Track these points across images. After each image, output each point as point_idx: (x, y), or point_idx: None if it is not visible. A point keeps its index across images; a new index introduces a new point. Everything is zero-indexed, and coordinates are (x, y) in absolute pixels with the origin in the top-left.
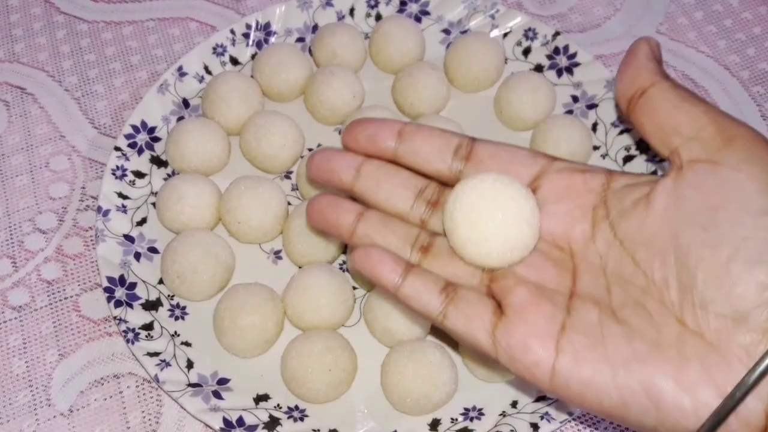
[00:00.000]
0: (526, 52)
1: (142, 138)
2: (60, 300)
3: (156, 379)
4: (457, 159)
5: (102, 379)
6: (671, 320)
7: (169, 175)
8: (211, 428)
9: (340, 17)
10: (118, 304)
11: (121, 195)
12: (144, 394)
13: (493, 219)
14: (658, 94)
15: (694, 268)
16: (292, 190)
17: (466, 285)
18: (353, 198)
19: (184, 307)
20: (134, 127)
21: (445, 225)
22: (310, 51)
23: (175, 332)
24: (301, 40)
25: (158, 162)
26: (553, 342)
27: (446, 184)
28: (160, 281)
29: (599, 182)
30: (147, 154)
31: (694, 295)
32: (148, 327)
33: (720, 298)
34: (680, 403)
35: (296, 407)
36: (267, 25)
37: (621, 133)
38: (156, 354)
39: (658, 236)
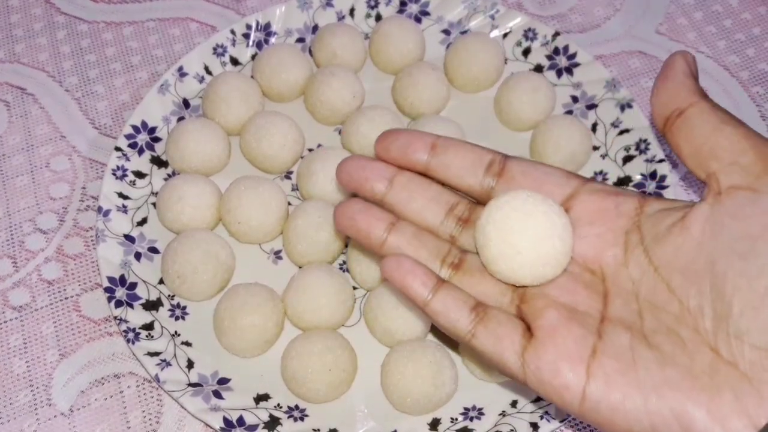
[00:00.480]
0: (526, 52)
1: (142, 138)
2: (60, 300)
3: (156, 378)
4: (489, 175)
5: (102, 378)
6: (705, 348)
7: (169, 176)
8: (211, 428)
9: (340, 18)
10: (119, 304)
11: (121, 195)
12: (144, 393)
13: (526, 235)
14: (697, 116)
15: (731, 297)
16: (292, 190)
17: (496, 304)
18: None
19: (184, 307)
20: (135, 128)
21: (477, 240)
22: (310, 51)
23: (176, 332)
24: (301, 40)
25: (159, 162)
26: (584, 366)
27: (477, 200)
28: (161, 281)
29: (632, 206)
30: (147, 154)
31: (729, 325)
32: (149, 327)
33: (755, 329)
34: (711, 431)
35: (296, 407)
36: (267, 26)
37: (620, 133)
38: (156, 354)
39: (694, 263)
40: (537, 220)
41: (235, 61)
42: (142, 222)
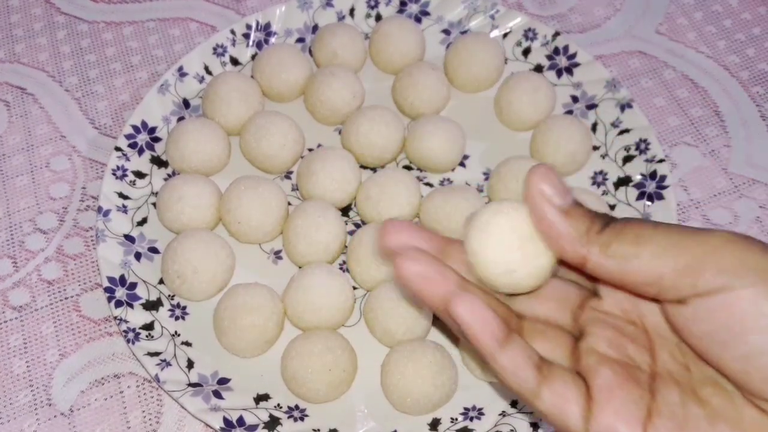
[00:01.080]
0: (526, 52)
1: (142, 138)
2: (60, 300)
3: (156, 378)
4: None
5: (102, 378)
6: (748, 402)
7: (169, 176)
8: (211, 428)
9: (340, 18)
10: (119, 304)
11: (121, 195)
12: (144, 393)
13: (492, 243)
14: (599, 267)
15: (736, 377)
16: (292, 190)
17: (548, 349)
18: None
19: (184, 307)
20: (135, 128)
21: (466, 249)
22: (310, 51)
23: (176, 332)
24: (301, 40)
25: (159, 162)
26: (641, 428)
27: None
28: (161, 281)
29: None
30: (147, 154)
31: (751, 393)
32: (149, 327)
33: None
34: None
35: (296, 407)
36: (267, 26)
37: (620, 133)
38: (156, 354)
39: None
40: (516, 225)
41: (235, 61)
42: (142, 222)
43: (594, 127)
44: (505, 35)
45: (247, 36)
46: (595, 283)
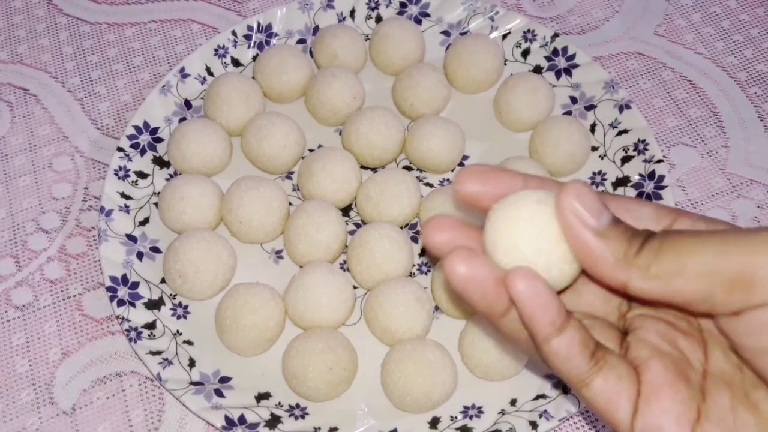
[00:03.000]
0: (525, 53)
1: (144, 139)
2: (63, 299)
3: (158, 377)
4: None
5: (104, 377)
6: None
7: (171, 176)
8: (213, 426)
9: (341, 19)
10: (121, 303)
11: (123, 195)
12: (146, 392)
13: (524, 238)
14: (641, 292)
15: None
16: (293, 190)
17: (602, 314)
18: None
19: (186, 307)
20: (137, 128)
21: (486, 246)
22: (310, 52)
23: (177, 331)
24: (302, 41)
25: (160, 162)
26: (689, 430)
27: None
28: (163, 280)
29: None
30: (149, 154)
31: None
32: (151, 326)
33: None
34: None
35: (297, 405)
36: (268, 27)
37: (619, 134)
38: (158, 353)
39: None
40: (535, 224)
41: (236, 62)
42: (144, 222)
43: (593, 128)
44: (504, 36)
45: (248, 37)
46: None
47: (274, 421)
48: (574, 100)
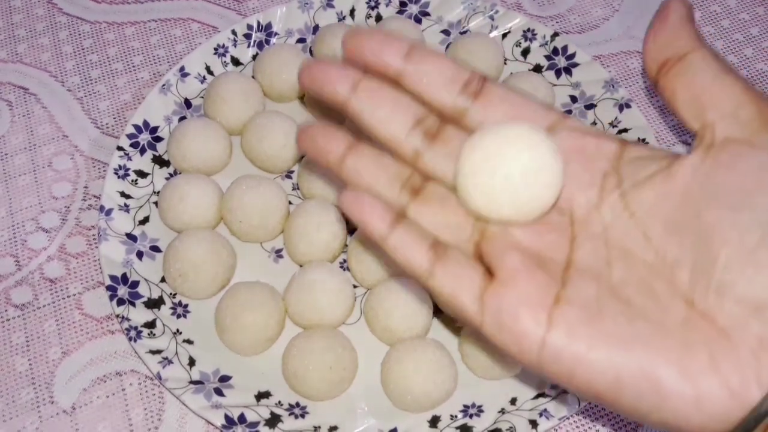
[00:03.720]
0: (525, 52)
1: (144, 138)
2: (63, 298)
3: (158, 376)
4: (465, 94)
5: (104, 376)
6: (680, 302)
7: (171, 175)
8: (212, 425)
9: (341, 18)
10: (121, 302)
11: (123, 194)
12: (146, 391)
13: (519, 167)
14: (699, 62)
15: (717, 249)
16: (293, 189)
17: (454, 240)
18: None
19: (186, 306)
20: (136, 127)
21: (460, 167)
22: (310, 51)
23: (177, 330)
24: (302, 40)
25: (160, 162)
26: (546, 313)
27: (448, 121)
28: (162, 279)
29: (612, 148)
30: (149, 153)
31: (711, 278)
32: (151, 325)
33: (741, 283)
34: (681, 390)
35: (297, 404)
36: (268, 26)
37: (619, 133)
38: (158, 352)
39: (678, 213)
40: (538, 156)
41: (236, 62)
42: (144, 221)
43: None
44: (504, 35)
45: (248, 36)
46: None
47: (274, 420)
48: (574, 99)
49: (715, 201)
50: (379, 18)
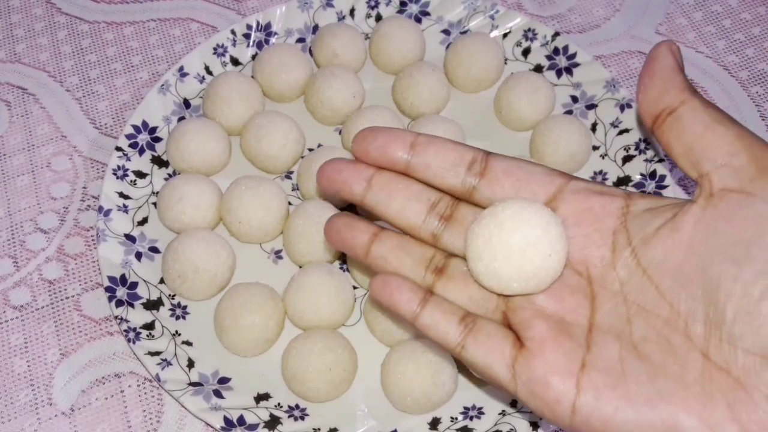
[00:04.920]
0: (526, 52)
1: (143, 138)
2: (61, 299)
3: (157, 378)
4: (471, 174)
5: (103, 378)
6: (696, 355)
7: (170, 175)
8: (212, 427)
9: (341, 18)
10: (120, 303)
11: (122, 195)
12: (145, 393)
13: (518, 245)
14: (689, 114)
15: (724, 302)
16: (293, 190)
17: (482, 311)
18: (370, 216)
19: (185, 307)
20: (135, 128)
21: (468, 248)
22: (310, 51)
23: (176, 331)
24: (301, 40)
25: (159, 162)
26: (574, 379)
27: (460, 198)
28: (161, 281)
29: (618, 205)
30: (148, 154)
31: (722, 330)
32: (149, 326)
33: (749, 334)
34: None
35: (297, 406)
36: (267, 26)
37: (620, 133)
38: (157, 353)
39: (685, 266)
40: (531, 231)
41: (235, 61)
42: (143, 222)
43: (594, 127)
44: (504, 35)
45: (247, 36)
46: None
47: (273, 422)
48: (574, 99)
49: (718, 254)
50: (379, 18)
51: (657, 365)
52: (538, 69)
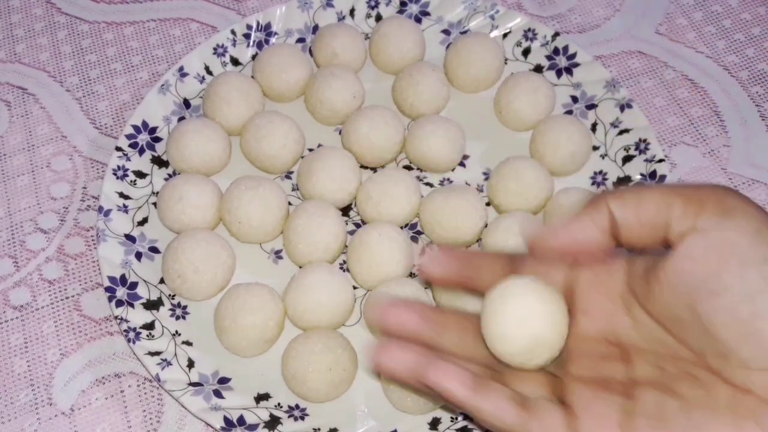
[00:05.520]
0: (526, 52)
1: (143, 138)
2: (61, 299)
3: (157, 378)
4: None
5: (103, 378)
6: (722, 384)
7: (170, 175)
8: (212, 427)
9: (341, 18)
10: (120, 303)
11: (122, 195)
12: (145, 393)
13: (516, 322)
14: (618, 209)
15: (721, 333)
16: (293, 190)
17: (532, 392)
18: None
19: (185, 307)
20: (135, 128)
21: (485, 339)
22: (310, 51)
23: (176, 332)
24: (301, 40)
25: (159, 162)
26: (619, 429)
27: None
28: (161, 281)
29: (621, 270)
30: (148, 154)
31: (731, 358)
32: (149, 326)
33: (757, 354)
34: None
35: (297, 406)
36: (267, 26)
37: (620, 133)
38: (157, 353)
39: (681, 312)
40: (514, 310)
41: (235, 62)
42: (143, 222)
43: (594, 127)
44: (504, 35)
45: (247, 36)
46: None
47: (273, 422)
48: (574, 99)
49: (698, 292)
50: (379, 18)
51: (690, 401)
52: (538, 69)
